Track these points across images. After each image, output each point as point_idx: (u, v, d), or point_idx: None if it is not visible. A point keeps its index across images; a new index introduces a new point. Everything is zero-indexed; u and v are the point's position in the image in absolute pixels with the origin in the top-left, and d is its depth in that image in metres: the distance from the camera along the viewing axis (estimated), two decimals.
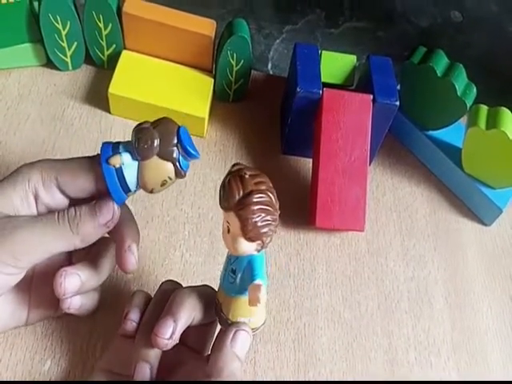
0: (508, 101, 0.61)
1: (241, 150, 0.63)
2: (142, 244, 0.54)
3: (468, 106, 0.59)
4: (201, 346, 0.45)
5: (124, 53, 0.63)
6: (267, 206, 0.37)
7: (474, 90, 0.60)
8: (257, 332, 0.42)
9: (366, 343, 0.53)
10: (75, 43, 0.61)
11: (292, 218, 0.59)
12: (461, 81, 0.59)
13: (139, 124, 0.41)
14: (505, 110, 0.58)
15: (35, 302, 0.46)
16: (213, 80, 0.63)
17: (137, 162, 0.41)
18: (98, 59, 0.64)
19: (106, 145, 0.42)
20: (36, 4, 0.58)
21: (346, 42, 0.80)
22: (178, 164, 0.41)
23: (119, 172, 0.40)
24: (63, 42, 0.61)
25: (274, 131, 0.65)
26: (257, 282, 0.37)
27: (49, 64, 0.64)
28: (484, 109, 0.59)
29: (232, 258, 0.40)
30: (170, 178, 0.41)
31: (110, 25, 0.60)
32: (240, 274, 0.39)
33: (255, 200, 0.37)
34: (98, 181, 0.41)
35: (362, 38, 0.81)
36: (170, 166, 0.41)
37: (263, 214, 0.37)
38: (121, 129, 0.61)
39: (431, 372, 0.53)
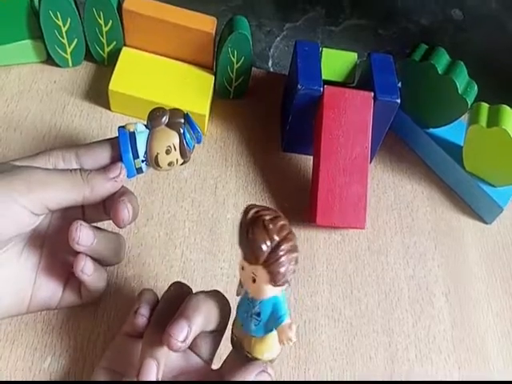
0: (509, 98, 0.61)
1: (241, 146, 0.63)
2: (143, 241, 0.54)
3: (469, 103, 0.59)
4: (206, 353, 0.45)
5: (124, 50, 0.63)
6: (294, 251, 0.36)
7: (475, 87, 0.60)
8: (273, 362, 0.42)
9: (367, 341, 0.53)
10: (75, 40, 0.61)
11: (292, 215, 0.59)
12: (462, 78, 0.59)
13: (154, 110, 0.47)
14: (506, 108, 0.57)
15: (41, 281, 0.46)
16: (213, 77, 0.63)
17: (148, 131, 0.46)
18: (99, 56, 0.64)
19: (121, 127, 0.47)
20: (36, 0, 0.58)
21: (346, 40, 0.80)
22: (183, 135, 0.46)
23: (132, 136, 0.46)
24: (63, 38, 0.61)
25: (275, 128, 0.65)
26: (287, 322, 0.37)
27: (49, 61, 0.63)
28: (485, 106, 0.58)
29: (255, 302, 0.39)
30: (175, 148, 0.46)
31: (111, 21, 0.60)
32: (266, 316, 0.38)
33: (284, 252, 0.36)
34: (113, 148, 0.46)
35: (363, 36, 0.80)
36: (175, 135, 0.46)
37: (292, 262, 0.36)
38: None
39: (431, 369, 0.53)
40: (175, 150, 0.46)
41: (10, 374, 0.45)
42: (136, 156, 0.46)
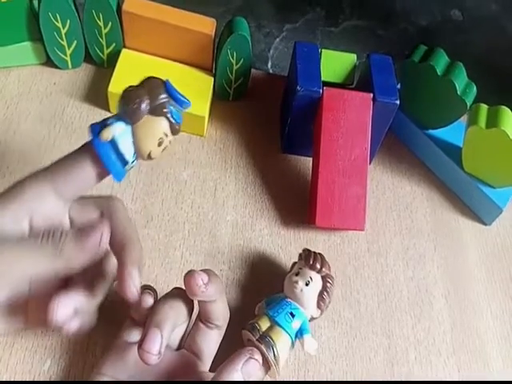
0: (508, 100, 0.61)
1: (241, 148, 0.63)
2: (142, 243, 0.54)
3: (468, 104, 0.59)
4: (201, 351, 0.45)
5: (124, 51, 0.63)
6: (333, 291, 0.50)
7: (474, 88, 0.60)
8: (275, 368, 0.45)
9: (366, 342, 0.53)
10: (75, 42, 0.61)
11: (292, 217, 0.59)
12: (461, 80, 0.59)
13: (124, 89, 0.40)
14: (505, 109, 0.57)
15: (31, 321, 0.44)
16: (213, 79, 0.63)
17: (129, 128, 0.39)
18: (98, 58, 0.64)
19: (93, 124, 0.40)
20: (36, 2, 0.58)
21: (346, 41, 0.80)
22: (171, 117, 0.40)
23: (113, 144, 0.39)
24: (63, 40, 0.61)
25: (274, 130, 0.65)
26: (310, 336, 0.47)
27: (48, 63, 0.63)
28: (484, 108, 0.58)
29: (293, 305, 0.48)
30: (166, 135, 0.41)
31: (110, 23, 0.60)
32: (296, 321, 0.47)
33: (333, 283, 0.50)
34: (95, 165, 0.40)
35: (362, 37, 0.80)
36: (163, 121, 0.40)
37: (331, 296, 0.49)
38: None
39: (431, 371, 0.53)
40: (167, 136, 0.41)
41: (9, 376, 0.45)
42: (125, 163, 0.40)
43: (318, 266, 0.49)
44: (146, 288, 0.45)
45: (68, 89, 0.63)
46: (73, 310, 0.41)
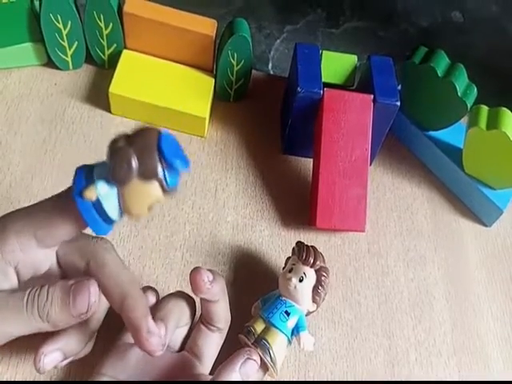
0: (509, 101, 0.61)
1: (241, 149, 0.63)
2: (143, 244, 0.54)
3: (468, 106, 0.59)
4: (202, 353, 0.45)
5: (125, 52, 0.63)
6: (329, 281, 0.49)
7: (475, 90, 0.60)
8: (273, 370, 0.45)
9: (367, 344, 0.53)
10: (76, 43, 0.61)
11: (292, 218, 0.59)
12: (461, 81, 0.59)
13: (113, 141, 0.35)
14: (505, 111, 0.57)
15: None
16: (213, 80, 0.63)
17: (115, 189, 0.35)
18: (99, 59, 0.64)
19: (79, 172, 0.36)
20: (37, 3, 0.58)
21: (346, 42, 0.80)
22: (164, 182, 0.35)
23: (97, 205, 0.35)
24: (64, 41, 0.61)
25: (275, 131, 0.65)
26: (306, 332, 0.47)
27: (49, 63, 0.64)
28: (484, 109, 0.58)
29: (288, 303, 0.47)
30: (158, 199, 0.36)
31: (111, 24, 0.60)
32: (292, 319, 0.46)
33: (329, 275, 0.49)
34: (77, 219, 0.36)
35: (363, 38, 0.80)
36: (155, 186, 0.35)
37: (327, 288, 0.49)
38: (121, 129, 0.61)
39: (432, 373, 0.53)
40: (159, 201, 0.36)
41: (10, 376, 0.45)
42: (109, 222, 0.37)
43: (311, 260, 0.48)
44: (147, 288, 0.45)
45: (69, 90, 0.63)
46: (61, 357, 0.40)
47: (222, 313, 0.45)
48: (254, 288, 0.52)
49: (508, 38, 0.85)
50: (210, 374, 0.45)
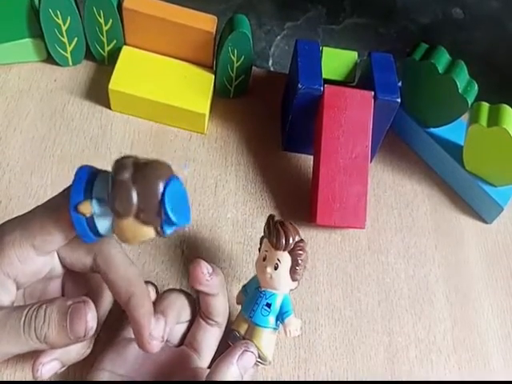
0: (509, 98, 0.61)
1: (241, 146, 0.63)
2: None
3: (469, 103, 0.59)
4: (201, 347, 0.45)
5: (124, 48, 0.62)
6: (307, 253, 0.46)
7: (476, 87, 0.60)
8: (260, 364, 0.45)
9: (367, 341, 0.53)
10: (75, 39, 0.61)
11: (292, 214, 0.59)
12: (462, 78, 0.59)
13: (120, 162, 0.34)
14: (506, 107, 0.57)
15: None
16: (213, 76, 0.63)
17: (111, 217, 0.35)
18: (99, 55, 0.64)
19: (80, 177, 0.36)
20: None
21: (347, 39, 0.80)
22: (159, 230, 0.35)
23: (90, 221, 0.35)
24: (63, 37, 0.60)
25: (275, 128, 0.65)
26: (292, 317, 0.45)
27: (49, 59, 0.63)
28: (485, 106, 0.58)
29: (268, 293, 0.46)
30: (150, 239, 0.36)
31: (111, 20, 0.60)
32: (275, 308, 0.45)
33: (304, 246, 0.46)
34: (72, 228, 0.36)
35: (364, 35, 0.80)
36: (149, 229, 0.35)
37: (307, 260, 0.46)
38: (121, 125, 0.61)
39: (432, 370, 0.53)
40: (151, 240, 0.36)
41: (10, 374, 0.45)
42: (99, 236, 0.37)
43: (283, 242, 0.44)
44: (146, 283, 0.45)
45: (68, 86, 0.63)
46: (59, 366, 0.40)
47: (220, 307, 0.45)
48: None
49: (508, 35, 0.85)
50: (209, 367, 0.45)
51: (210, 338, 0.46)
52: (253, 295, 0.46)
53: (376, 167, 0.65)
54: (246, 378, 0.43)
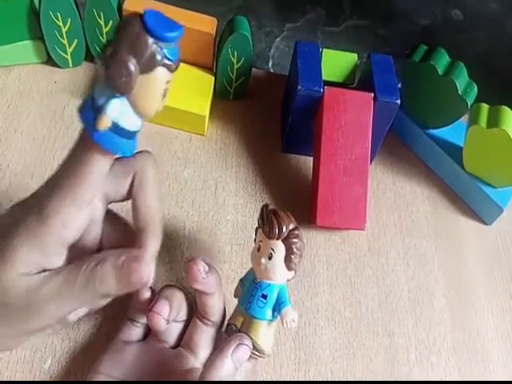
0: (509, 99, 0.61)
1: (241, 147, 0.63)
2: None
3: (469, 104, 0.59)
4: (198, 348, 0.45)
5: None
6: (302, 241, 0.44)
7: (475, 88, 0.60)
8: (258, 357, 0.44)
9: (367, 342, 0.53)
10: (76, 40, 0.61)
11: (292, 216, 0.58)
12: (462, 79, 0.59)
13: (101, 50, 0.33)
14: (506, 109, 0.57)
15: None
16: (213, 78, 0.63)
17: (125, 100, 0.33)
18: None
19: (82, 106, 0.34)
20: (36, 1, 0.58)
21: (346, 40, 0.80)
22: (166, 62, 0.33)
23: (116, 128, 0.33)
24: (64, 39, 0.61)
25: (275, 129, 0.65)
26: (290, 306, 0.43)
27: (49, 61, 0.63)
28: (485, 107, 0.58)
29: (263, 285, 0.44)
30: (167, 81, 0.34)
31: (111, 22, 0.60)
32: (271, 299, 0.43)
33: (299, 234, 0.44)
34: (106, 156, 0.36)
35: (363, 36, 0.80)
36: (160, 71, 0.33)
37: (303, 248, 0.44)
38: None
39: (432, 371, 0.53)
40: (168, 82, 0.34)
41: (10, 375, 0.45)
42: (133, 137, 0.35)
43: (276, 231, 0.43)
44: None
45: (69, 87, 0.63)
46: (85, 309, 0.41)
47: (217, 306, 0.45)
48: None
49: (508, 36, 0.85)
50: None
51: (206, 338, 0.45)
52: (249, 287, 0.45)
53: (376, 169, 0.65)
54: (244, 372, 0.43)
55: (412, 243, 0.60)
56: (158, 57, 0.32)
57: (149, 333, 0.46)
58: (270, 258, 0.44)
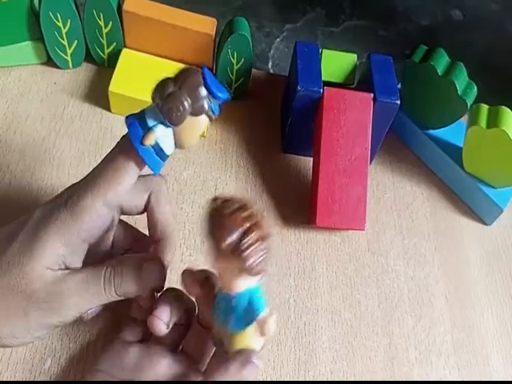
0: (509, 100, 0.61)
1: (241, 148, 0.63)
2: None
3: (469, 104, 0.59)
4: (197, 352, 0.45)
5: (124, 51, 0.63)
6: (263, 240, 0.36)
7: (475, 88, 0.60)
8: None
9: (367, 342, 0.53)
10: (75, 41, 0.61)
11: (292, 216, 0.59)
12: (461, 80, 0.59)
13: (160, 85, 0.39)
14: (505, 109, 0.58)
15: None
16: None
17: (171, 129, 0.39)
18: (99, 57, 0.64)
19: (131, 123, 0.39)
20: (36, 2, 0.58)
21: (346, 41, 0.80)
22: (211, 113, 0.39)
23: (156, 148, 0.39)
24: (63, 40, 0.61)
25: (275, 130, 0.65)
26: (264, 314, 0.37)
27: (49, 62, 0.63)
28: (485, 108, 0.58)
29: (231, 296, 0.38)
30: (207, 127, 0.41)
31: (111, 23, 0.60)
32: (242, 310, 0.38)
33: (252, 241, 0.35)
34: (139, 166, 0.40)
35: (363, 37, 0.80)
36: (204, 118, 0.39)
37: (263, 251, 0.36)
38: (121, 127, 0.61)
39: (431, 371, 0.53)
40: (207, 129, 0.41)
41: (10, 375, 0.45)
42: (165, 158, 0.41)
43: (222, 247, 0.35)
44: None
45: (68, 88, 0.63)
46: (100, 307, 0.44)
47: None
48: None
49: (508, 36, 0.85)
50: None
51: (205, 342, 0.45)
52: (220, 301, 0.40)
53: (376, 169, 0.65)
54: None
55: (412, 243, 0.60)
56: (206, 106, 0.39)
57: (149, 333, 0.46)
58: (228, 273, 0.37)
